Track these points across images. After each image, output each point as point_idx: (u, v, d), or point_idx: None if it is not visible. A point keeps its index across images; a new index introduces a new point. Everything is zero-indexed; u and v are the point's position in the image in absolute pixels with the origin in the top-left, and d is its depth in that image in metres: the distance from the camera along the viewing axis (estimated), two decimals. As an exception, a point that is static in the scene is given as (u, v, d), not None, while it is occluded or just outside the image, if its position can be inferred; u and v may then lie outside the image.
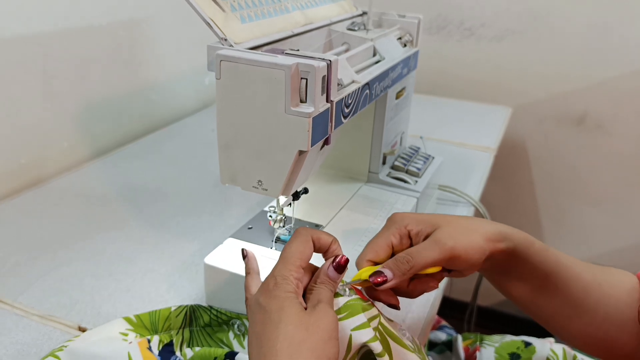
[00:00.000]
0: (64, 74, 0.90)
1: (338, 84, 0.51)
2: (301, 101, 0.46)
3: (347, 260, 0.43)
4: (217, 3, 0.51)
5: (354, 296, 0.43)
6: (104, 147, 1.02)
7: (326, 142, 0.51)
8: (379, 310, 0.43)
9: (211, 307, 0.57)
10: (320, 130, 0.48)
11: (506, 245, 0.47)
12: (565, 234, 1.52)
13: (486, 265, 0.48)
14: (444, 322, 0.88)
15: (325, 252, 0.45)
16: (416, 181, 0.72)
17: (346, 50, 0.65)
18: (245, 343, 0.54)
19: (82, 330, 0.56)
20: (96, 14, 0.94)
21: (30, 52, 0.84)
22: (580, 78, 1.34)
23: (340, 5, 0.73)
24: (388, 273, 0.44)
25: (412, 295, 0.48)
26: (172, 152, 1.02)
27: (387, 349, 0.40)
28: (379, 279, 0.44)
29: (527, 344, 0.73)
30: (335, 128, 0.51)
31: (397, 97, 0.72)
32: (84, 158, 0.98)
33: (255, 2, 0.56)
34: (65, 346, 0.50)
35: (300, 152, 0.47)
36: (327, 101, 0.48)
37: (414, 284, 0.48)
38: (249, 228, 0.60)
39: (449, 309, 1.27)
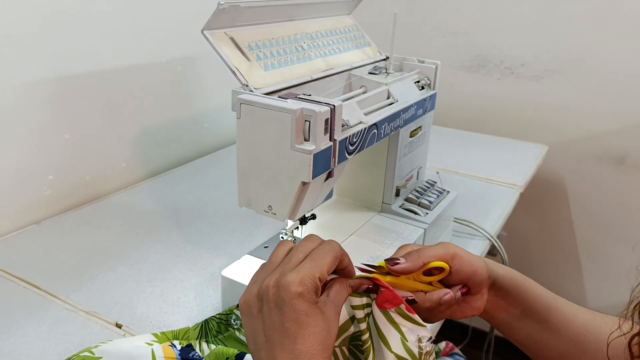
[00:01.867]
0: (125, 104, 1.03)
1: (344, 125, 0.59)
2: (305, 140, 0.54)
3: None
4: (244, 54, 0.60)
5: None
6: (157, 168, 1.14)
7: (330, 175, 0.59)
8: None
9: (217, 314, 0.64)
10: (322, 165, 0.55)
11: (505, 271, 0.54)
12: (605, 275, 1.49)
13: (491, 296, 0.54)
14: (456, 350, 0.91)
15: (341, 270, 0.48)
16: (426, 213, 0.77)
17: (363, 93, 0.72)
18: (243, 335, 0.60)
19: (119, 326, 0.66)
20: (159, 52, 1.07)
21: (97, 86, 0.97)
22: (619, 118, 1.34)
23: (364, 51, 0.80)
24: (401, 259, 0.51)
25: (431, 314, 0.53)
26: (216, 176, 1.12)
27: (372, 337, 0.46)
28: (393, 261, 0.50)
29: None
30: (339, 163, 0.58)
31: (411, 136, 0.78)
32: (138, 178, 1.10)
33: (280, 51, 0.65)
34: (99, 346, 0.60)
35: (304, 183, 0.55)
36: (330, 140, 0.56)
37: (427, 295, 0.52)
38: (265, 247, 0.68)
39: (470, 338, 1.29)
